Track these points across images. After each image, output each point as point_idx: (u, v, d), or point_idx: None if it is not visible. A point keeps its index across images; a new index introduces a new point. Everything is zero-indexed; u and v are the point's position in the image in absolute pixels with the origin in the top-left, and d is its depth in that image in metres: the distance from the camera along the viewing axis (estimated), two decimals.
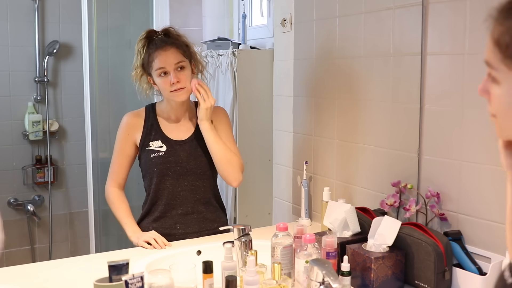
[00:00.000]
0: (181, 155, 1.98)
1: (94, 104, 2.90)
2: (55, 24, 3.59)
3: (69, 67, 3.66)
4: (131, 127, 2.01)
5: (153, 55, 1.92)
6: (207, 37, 3.17)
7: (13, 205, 3.59)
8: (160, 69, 1.91)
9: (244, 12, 2.97)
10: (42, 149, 3.66)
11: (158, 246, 1.87)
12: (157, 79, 1.93)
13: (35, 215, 3.58)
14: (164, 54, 1.91)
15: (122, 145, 2.02)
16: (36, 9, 3.51)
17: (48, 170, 3.63)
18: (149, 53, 1.93)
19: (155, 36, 1.96)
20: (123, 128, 2.02)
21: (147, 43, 1.95)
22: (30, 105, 3.56)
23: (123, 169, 2.02)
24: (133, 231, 1.95)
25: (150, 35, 1.96)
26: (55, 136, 3.66)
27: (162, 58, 1.91)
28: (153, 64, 1.92)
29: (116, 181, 2.03)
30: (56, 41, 3.56)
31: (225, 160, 1.95)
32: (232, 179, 1.97)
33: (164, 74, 1.91)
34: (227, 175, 1.97)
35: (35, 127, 3.55)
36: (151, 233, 1.92)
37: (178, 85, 1.91)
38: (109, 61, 3.25)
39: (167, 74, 1.91)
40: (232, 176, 1.96)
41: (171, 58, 1.91)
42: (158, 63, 1.91)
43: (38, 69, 3.55)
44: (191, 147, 1.98)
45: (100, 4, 3.05)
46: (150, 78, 1.97)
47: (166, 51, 1.91)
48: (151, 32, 1.98)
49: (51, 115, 3.63)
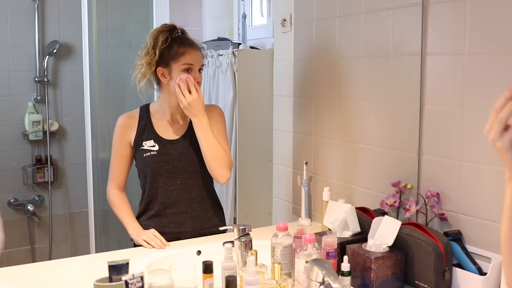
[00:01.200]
0: (173, 154, 1.99)
1: (94, 104, 2.90)
2: (55, 24, 3.60)
3: (69, 67, 3.66)
4: (125, 128, 2.03)
5: (182, 49, 1.95)
6: (207, 37, 3.17)
7: (13, 205, 3.59)
8: (188, 64, 1.94)
9: (244, 12, 2.97)
10: (42, 149, 3.66)
11: (156, 246, 1.88)
12: (180, 74, 1.94)
13: (35, 215, 3.58)
14: (195, 53, 1.97)
15: (118, 147, 2.04)
16: (36, 9, 3.51)
17: (48, 170, 3.63)
18: (176, 47, 1.95)
19: (176, 32, 1.99)
20: (118, 130, 2.04)
21: (169, 36, 1.97)
22: (30, 105, 3.56)
23: (122, 170, 2.04)
24: (133, 229, 1.96)
25: (171, 29, 1.99)
26: (55, 136, 3.67)
27: (193, 56, 1.96)
28: (182, 58, 1.94)
29: (116, 183, 2.05)
30: (56, 41, 3.56)
31: (211, 155, 1.94)
32: (217, 175, 1.96)
33: (188, 70, 1.95)
34: (212, 170, 1.96)
35: (35, 127, 3.55)
36: (150, 231, 1.93)
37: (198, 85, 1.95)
38: (109, 61, 3.26)
39: (190, 71, 1.95)
40: (216, 171, 1.95)
41: (200, 58, 1.99)
42: (189, 59, 1.95)
43: (38, 69, 3.55)
44: (183, 146, 1.99)
45: (100, 4, 3.05)
46: (163, 69, 1.97)
47: (196, 50, 1.99)
48: (172, 26, 2.00)
49: (51, 115, 3.63)
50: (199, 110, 1.92)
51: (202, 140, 1.94)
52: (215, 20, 3.23)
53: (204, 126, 1.93)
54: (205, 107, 2.06)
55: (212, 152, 1.93)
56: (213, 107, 2.11)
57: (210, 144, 1.93)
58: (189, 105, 1.90)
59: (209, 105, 2.10)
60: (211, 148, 1.93)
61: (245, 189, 2.66)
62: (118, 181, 2.05)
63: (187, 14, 3.18)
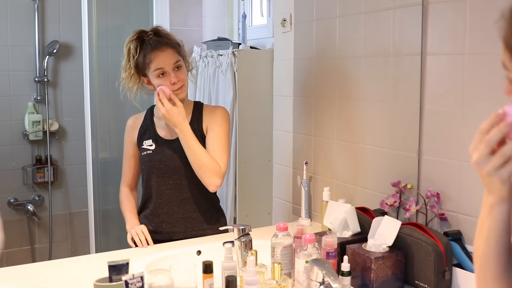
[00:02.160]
0: (167, 154, 1.99)
1: (94, 104, 2.90)
2: (55, 24, 3.59)
3: (69, 67, 3.66)
4: (130, 129, 2.08)
5: (149, 56, 1.92)
6: (207, 37, 3.17)
7: (13, 205, 3.59)
8: (159, 69, 1.91)
9: (244, 12, 2.97)
10: (42, 149, 3.66)
11: (138, 243, 1.91)
12: (156, 80, 1.93)
13: (35, 215, 3.58)
14: (162, 55, 1.92)
15: (126, 147, 2.10)
16: (36, 9, 3.51)
17: (48, 170, 3.63)
18: (145, 54, 1.93)
19: (146, 37, 1.95)
20: (125, 131, 2.10)
21: (139, 44, 1.94)
22: (30, 105, 3.56)
23: (131, 169, 2.10)
24: (129, 223, 2.02)
25: (141, 36, 1.95)
26: (55, 136, 3.66)
27: (161, 59, 1.91)
28: (151, 65, 1.92)
29: (126, 182, 2.11)
30: (56, 41, 3.56)
31: (196, 165, 1.91)
32: (205, 183, 1.93)
33: (162, 74, 1.92)
34: (201, 179, 1.94)
35: (35, 127, 3.55)
36: (139, 227, 1.96)
37: (179, 84, 1.92)
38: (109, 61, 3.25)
39: (165, 74, 1.92)
40: (204, 180, 1.92)
41: (169, 58, 1.92)
42: (157, 64, 1.91)
43: (38, 69, 3.55)
44: (178, 145, 1.97)
45: (100, 4, 3.05)
46: (145, 78, 1.97)
47: (163, 51, 1.92)
48: (141, 32, 1.96)
49: (51, 115, 3.63)
50: (178, 119, 1.89)
51: (185, 150, 1.92)
52: (215, 20, 3.23)
53: (185, 135, 1.90)
54: (210, 108, 2.06)
55: (196, 161, 1.91)
56: (217, 108, 2.08)
57: (193, 153, 1.90)
58: (167, 115, 1.88)
59: (214, 106, 2.10)
60: (195, 158, 1.91)
61: (245, 189, 2.66)
62: (127, 180, 2.11)
63: (187, 14, 3.18)
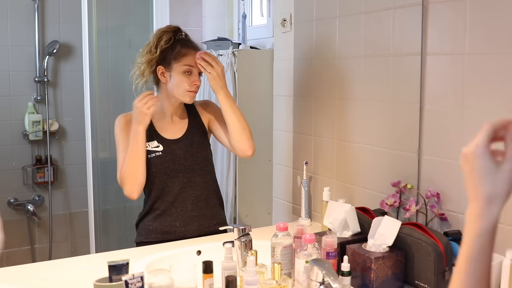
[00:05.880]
0: (178, 153, 1.99)
1: (94, 104, 2.90)
2: (55, 24, 3.59)
3: (69, 67, 3.66)
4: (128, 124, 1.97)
5: (184, 50, 1.96)
6: (207, 37, 3.17)
7: (13, 205, 3.59)
8: (189, 66, 1.96)
9: (244, 12, 2.97)
10: (42, 149, 3.66)
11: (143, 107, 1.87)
12: (180, 75, 1.95)
13: (35, 215, 3.58)
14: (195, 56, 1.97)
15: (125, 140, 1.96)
16: (36, 9, 3.51)
17: (48, 170, 3.63)
18: (179, 47, 1.96)
19: (179, 35, 2.00)
20: (121, 127, 1.98)
21: (173, 37, 1.98)
22: (30, 105, 3.56)
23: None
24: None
25: (175, 31, 2.00)
26: (55, 136, 3.67)
27: (193, 58, 1.97)
28: (183, 59, 1.95)
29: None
30: (56, 41, 3.56)
31: (241, 127, 1.98)
32: (246, 147, 1.99)
33: (189, 72, 1.96)
34: (241, 143, 1.99)
35: (35, 127, 3.55)
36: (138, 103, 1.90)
37: (197, 88, 1.98)
38: (109, 61, 3.26)
39: (191, 73, 1.96)
40: (246, 143, 1.99)
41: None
42: (190, 60, 1.96)
43: (38, 69, 3.55)
44: (186, 144, 2.00)
45: (100, 4, 3.05)
46: (163, 68, 1.97)
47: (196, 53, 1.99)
48: (176, 28, 2.01)
49: (51, 115, 3.63)
50: (224, 82, 1.97)
51: (230, 113, 1.97)
52: (215, 20, 3.23)
53: (230, 98, 1.98)
54: (201, 104, 2.13)
55: (241, 123, 1.98)
56: (208, 102, 2.16)
57: (237, 115, 1.98)
58: (218, 76, 1.94)
59: (203, 101, 2.16)
60: (240, 119, 1.98)
61: (245, 189, 2.66)
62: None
63: (187, 14, 3.18)
